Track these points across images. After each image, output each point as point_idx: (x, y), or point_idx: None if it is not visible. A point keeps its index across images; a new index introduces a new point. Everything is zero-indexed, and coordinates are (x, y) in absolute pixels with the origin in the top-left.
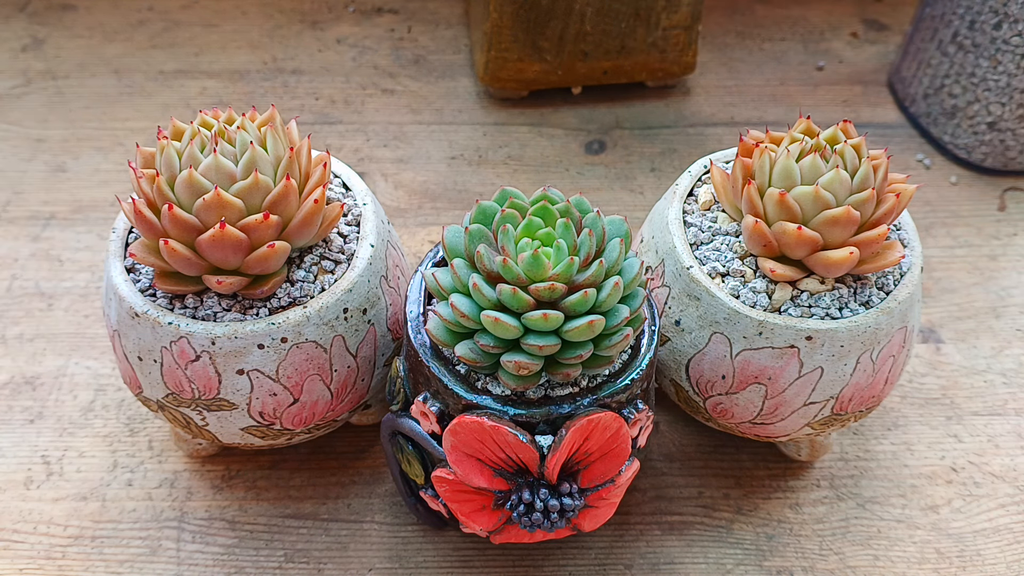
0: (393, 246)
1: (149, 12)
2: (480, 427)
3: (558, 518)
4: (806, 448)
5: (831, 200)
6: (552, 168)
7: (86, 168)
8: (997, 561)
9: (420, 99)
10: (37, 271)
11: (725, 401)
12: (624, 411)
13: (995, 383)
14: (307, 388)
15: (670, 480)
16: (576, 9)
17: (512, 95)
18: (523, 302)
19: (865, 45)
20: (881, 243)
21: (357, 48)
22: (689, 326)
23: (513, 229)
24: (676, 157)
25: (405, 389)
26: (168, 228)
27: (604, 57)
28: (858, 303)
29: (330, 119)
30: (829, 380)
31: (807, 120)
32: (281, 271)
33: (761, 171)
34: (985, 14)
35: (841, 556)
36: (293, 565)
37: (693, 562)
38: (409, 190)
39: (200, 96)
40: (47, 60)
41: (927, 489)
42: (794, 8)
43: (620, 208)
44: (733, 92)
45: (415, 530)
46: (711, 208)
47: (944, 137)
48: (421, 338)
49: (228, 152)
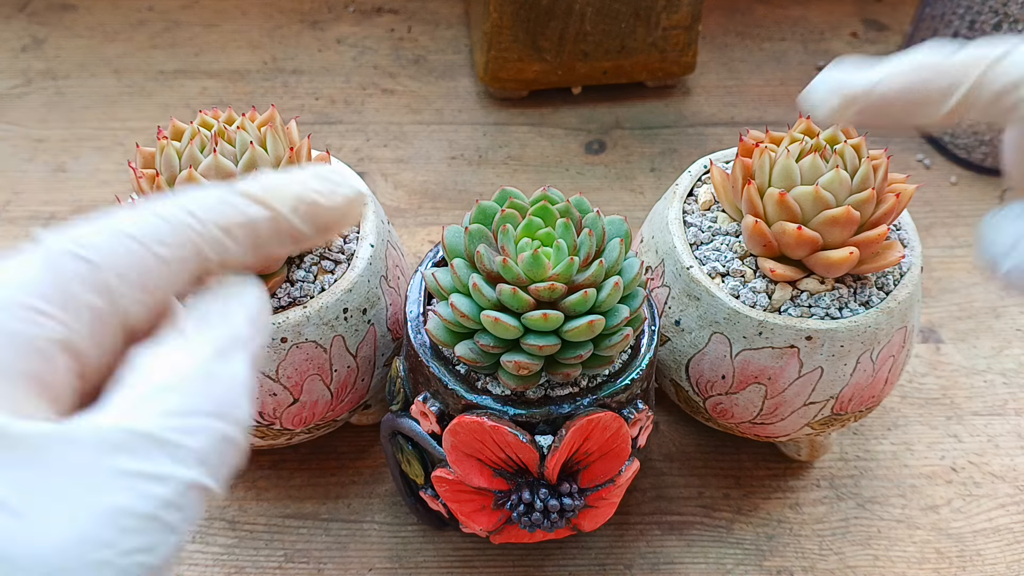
0: (393, 246)
1: (149, 12)
2: (480, 427)
3: (558, 518)
4: (806, 448)
5: (831, 200)
6: (552, 168)
7: (86, 168)
8: (997, 561)
9: (420, 99)
10: None
11: (725, 401)
12: (624, 411)
13: (995, 383)
14: (307, 388)
15: (670, 480)
16: (576, 9)
17: (512, 95)
18: (523, 302)
19: (865, 45)
20: (881, 243)
21: (357, 48)
22: (689, 326)
23: (513, 229)
24: (676, 157)
25: (405, 389)
26: None
27: (604, 57)
28: (858, 303)
29: (330, 119)
30: (829, 380)
31: (807, 120)
32: (281, 271)
33: (761, 171)
34: (985, 14)
35: (841, 556)
36: (293, 565)
37: (693, 562)
38: (409, 190)
39: (200, 96)
40: (47, 60)
41: (927, 489)
42: (794, 8)
43: (620, 208)
44: (733, 92)
45: (415, 530)
46: (711, 208)
47: (944, 137)
48: (421, 338)
49: (228, 152)
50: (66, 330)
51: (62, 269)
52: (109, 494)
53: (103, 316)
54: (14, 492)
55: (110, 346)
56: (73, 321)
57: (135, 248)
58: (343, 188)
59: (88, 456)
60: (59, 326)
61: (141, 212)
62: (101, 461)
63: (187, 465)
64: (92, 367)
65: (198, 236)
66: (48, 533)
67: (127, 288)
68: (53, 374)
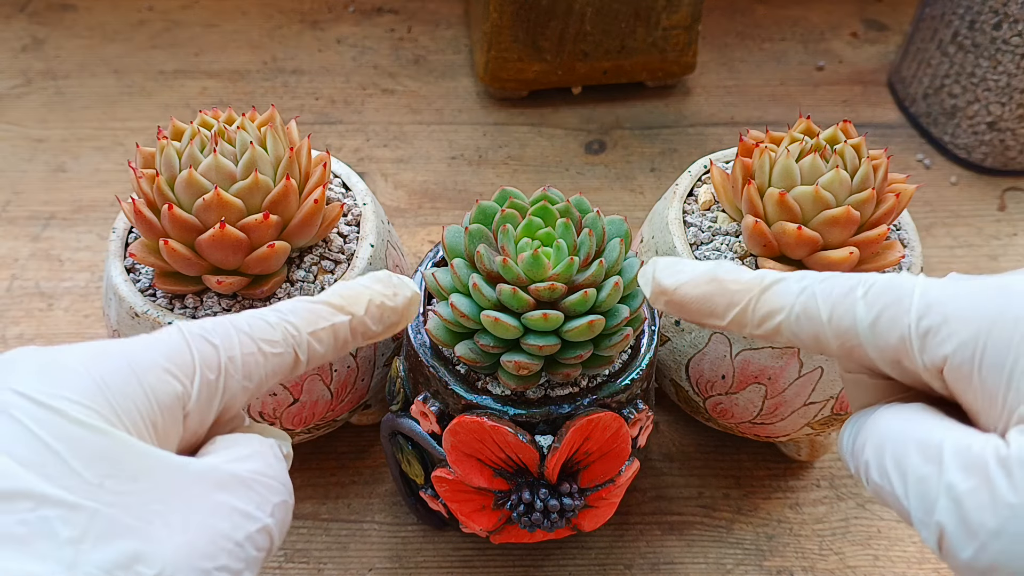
0: (393, 246)
1: (149, 12)
2: (480, 427)
3: (558, 518)
4: (806, 448)
5: (831, 200)
6: (552, 168)
7: (86, 168)
8: None
9: (420, 99)
10: (37, 271)
11: (725, 401)
12: (624, 411)
13: None
14: (307, 388)
15: (670, 480)
16: (576, 9)
17: (512, 95)
18: (523, 302)
19: (865, 45)
20: (881, 243)
21: (357, 48)
22: (689, 326)
23: (513, 229)
24: (676, 157)
25: (405, 389)
26: (168, 228)
27: (604, 57)
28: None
29: (330, 119)
30: (829, 380)
31: (807, 120)
32: (281, 271)
33: (761, 171)
34: (985, 14)
35: (841, 556)
36: (293, 565)
37: (693, 562)
38: (409, 190)
39: (200, 96)
40: (47, 60)
41: None
42: (794, 8)
43: (620, 208)
44: (733, 92)
45: (415, 530)
46: (711, 208)
47: (944, 137)
48: (421, 338)
49: (228, 152)
50: (185, 392)
51: (193, 346)
52: (215, 518)
53: (213, 387)
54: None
55: (213, 411)
56: (191, 386)
57: (247, 342)
58: (404, 290)
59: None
60: (181, 387)
61: (252, 316)
62: (209, 491)
63: (266, 513)
64: (195, 427)
65: (294, 340)
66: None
67: (234, 371)
68: (166, 426)
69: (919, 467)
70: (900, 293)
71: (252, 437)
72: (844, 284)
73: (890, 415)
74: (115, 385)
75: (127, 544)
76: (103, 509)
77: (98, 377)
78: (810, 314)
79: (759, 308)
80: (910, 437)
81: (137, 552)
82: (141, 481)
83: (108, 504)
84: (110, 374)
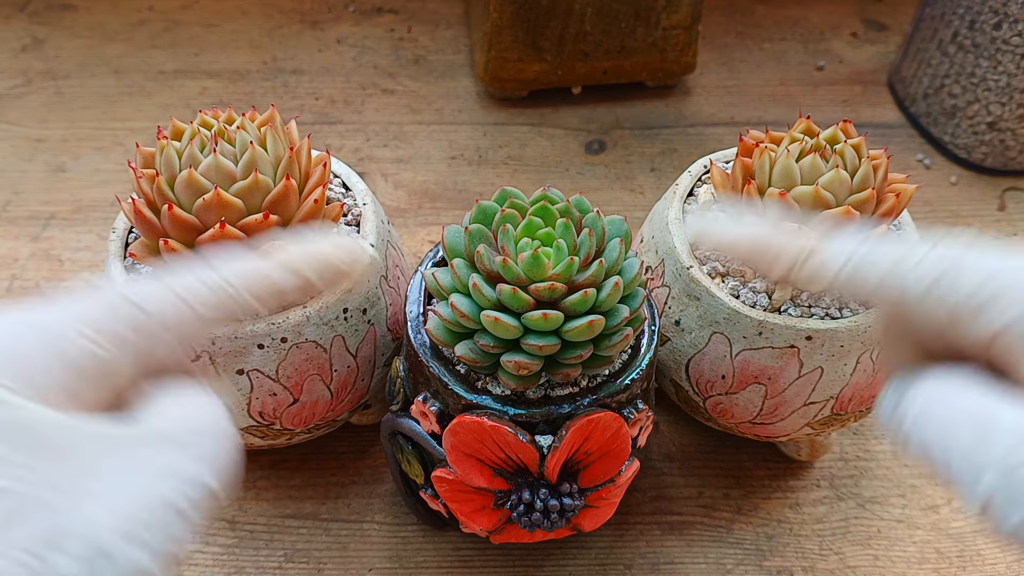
0: (393, 246)
1: (149, 12)
2: (480, 427)
3: (558, 518)
4: (806, 448)
5: (831, 200)
6: (552, 168)
7: (86, 168)
8: (997, 561)
9: (420, 99)
10: (37, 271)
11: (725, 401)
12: (624, 411)
13: None
14: (307, 388)
15: (670, 480)
16: (576, 9)
17: (512, 95)
18: (523, 302)
19: (865, 45)
20: None
21: (357, 48)
22: (689, 326)
23: (513, 229)
24: (676, 157)
25: (405, 389)
26: (168, 228)
27: (604, 57)
28: (858, 303)
29: (330, 119)
30: (829, 380)
31: (807, 120)
32: None
33: (761, 171)
34: (985, 14)
35: (841, 556)
36: (293, 565)
37: (693, 562)
38: (409, 190)
39: (200, 96)
40: (47, 60)
41: (927, 489)
42: (794, 8)
43: (620, 208)
44: (733, 92)
45: (415, 530)
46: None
47: (944, 137)
48: (421, 338)
49: (228, 152)
50: (109, 357)
51: (118, 311)
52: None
53: (141, 352)
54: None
55: (140, 375)
56: (118, 352)
57: (182, 307)
58: (363, 256)
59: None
60: (104, 353)
61: (188, 278)
62: (136, 453)
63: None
64: (121, 388)
65: (233, 302)
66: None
67: (166, 335)
68: (86, 391)
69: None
70: (953, 263)
71: (183, 389)
72: (892, 255)
73: (935, 383)
74: (25, 355)
75: (49, 520)
76: (18, 487)
77: (6, 348)
78: (857, 282)
79: (802, 274)
80: (957, 406)
81: (61, 527)
82: (61, 454)
83: (26, 482)
84: (19, 344)
